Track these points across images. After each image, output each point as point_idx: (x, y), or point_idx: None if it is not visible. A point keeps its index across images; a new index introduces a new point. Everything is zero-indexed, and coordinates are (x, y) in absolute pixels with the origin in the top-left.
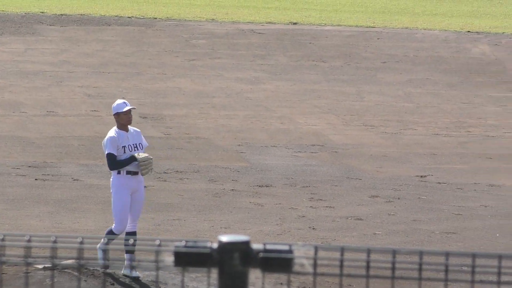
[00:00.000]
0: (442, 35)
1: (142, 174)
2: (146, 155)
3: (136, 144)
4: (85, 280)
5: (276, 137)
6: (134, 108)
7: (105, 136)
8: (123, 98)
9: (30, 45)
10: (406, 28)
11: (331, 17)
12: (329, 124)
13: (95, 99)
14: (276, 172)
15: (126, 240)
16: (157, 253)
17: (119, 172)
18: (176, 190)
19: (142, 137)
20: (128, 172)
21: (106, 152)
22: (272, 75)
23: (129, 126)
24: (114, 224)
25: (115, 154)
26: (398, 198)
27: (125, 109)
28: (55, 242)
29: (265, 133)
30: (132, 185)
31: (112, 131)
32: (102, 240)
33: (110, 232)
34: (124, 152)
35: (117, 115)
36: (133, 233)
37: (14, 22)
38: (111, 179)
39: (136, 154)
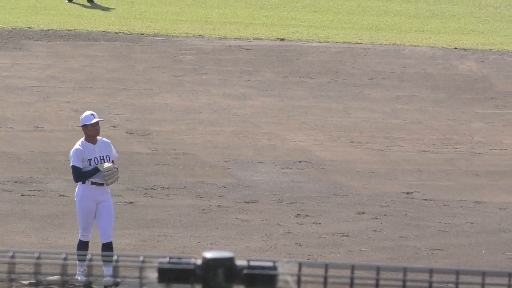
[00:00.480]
0: (429, 51)
1: (107, 184)
2: (110, 165)
3: (103, 156)
4: None
5: (263, 153)
6: (101, 120)
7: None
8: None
9: (17, 60)
10: (394, 44)
11: (319, 34)
12: (316, 140)
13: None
14: (262, 188)
15: (104, 249)
16: (141, 269)
17: (84, 182)
18: (163, 206)
19: (112, 148)
20: (93, 183)
21: (71, 165)
22: (259, 91)
23: (98, 137)
24: (80, 233)
25: (80, 166)
26: (385, 215)
27: (92, 121)
28: (39, 258)
29: (252, 149)
30: (97, 196)
31: (78, 144)
32: (78, 262)
33: (79, 243)
34: (90, 165)
35: (85, 127)
36: (108, 244)
37: (1, 37)
38: (76, 189)
39: (99, 166)
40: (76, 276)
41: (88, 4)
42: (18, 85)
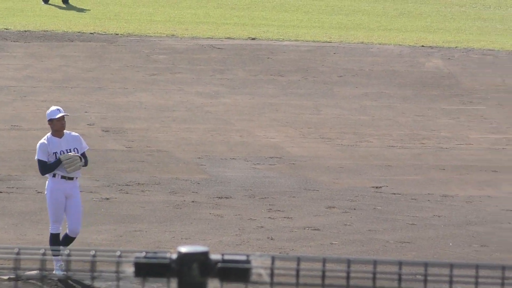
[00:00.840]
0: (397, 49)
1: (68, 172)
2: (71, 154)
3: (70, 149)
4: None
5: (236, 150)
6: (67, 115)
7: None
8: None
9: None
10: (362, 43)
11: (289, 33)
12: (287, 136)
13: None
14: (235, 184)
15: (69, 241)
16: (118, 264)
17: (54, 176)
18: (138, 202)
19: (82, 140)
20: (63, 177)
21: (35, 158)
22: (231, 89)
23: (65, 131)
24: (50, 225)
25: (45, 160)
26: (354, 209)
27: (57, 116)
28: (18, 253)
29: (225, 146)
30: (66, 189)
31: (44, 138)
32: (53, 257)
33: (51, 237)
34: (56, 158)
35: (51, 121)
36: (73, 238)
37: None
38: (46, 183)
39: (61, 156)
40: (54, 271)
41: (64, 6)
42: None
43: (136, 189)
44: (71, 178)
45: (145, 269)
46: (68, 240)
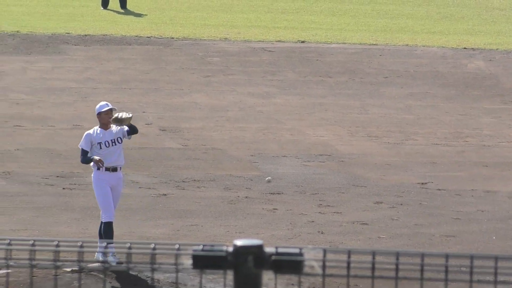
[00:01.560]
0: (440, 51)
1: (120, 120)
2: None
3: (114, 139)
4: (110, 282)
5: (287, 148)
6: (114, 109)
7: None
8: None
9: (56, 64)
10: (407, 45)
11: (336, 36)
12: (336, 135)
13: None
14: (286, 180)
15: (103, 229)
16: (177, 256)
17: (98, 169)
18: (194, 197)
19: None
20: (107, 169)
21: (79, 145)
22: (282, 90)
23: (112, 125)
24: (102, 215)
25: (87, 149)
26: (401, 204)
27: (104, 109)
28: (81, 246)
29: (276, 144)
30: (110, 180)
31: (91, 129)
32: (100, 244)
33: (105, 225)
34: (100, 148)
35: (99, 115)
36: (109, 224)
37: (42, 42)
38: (92, 175)
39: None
40: (107, 260)
41: (122, 11)
42: (58, 87)
43: (192, 186)
44: (115, 170)
45: (202, 261)
46: (106, 228)
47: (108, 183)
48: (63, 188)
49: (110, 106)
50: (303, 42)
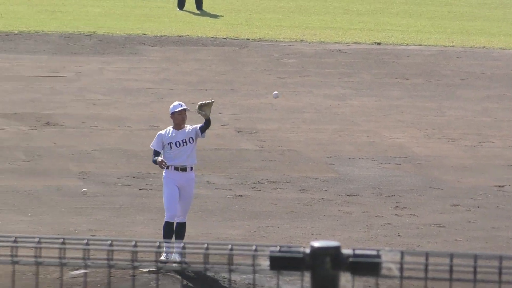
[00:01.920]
0: None
1: (204, 109)
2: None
3: (185, 139)
4: (187, 283)
5: (363, 150)
6: (188, 109)
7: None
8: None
9: (133, 64)
10: (483, 47)
11: (413, 38)
12: (412, 137)
13: (194, 115)
14: (363, 182)
15: (176, 228)
16: (254, 257)
17: (168, 168)
18: (270, 199)
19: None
20: (176, 168)
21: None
22: (358, 91)
23: (186, 125)
24: (165, 214)
25: (157, 149)
26: (478, 207)
27: (178, 109)
28: (159, 247)
29: (352, 145)
30: (179, 180)
31: (164, 129)
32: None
33: (164, 225)
34: (171, 148)
35: (172, 115)
36: (182, 225)
37: (118, 43)
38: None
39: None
40: (162, 256)
41: (198, 12)
42: (135, 87)
43: (268, 187)
44: (184, 169)
45: (279, 263)
46: (178, 227)
47: (177, 183)
48: (140, 189)
49: (184, 107)
50: (379, 43)
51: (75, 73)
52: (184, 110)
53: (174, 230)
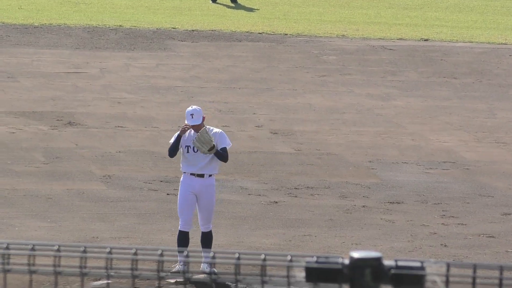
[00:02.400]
0: None
1: (194, 145)
2: (208, 136)
3: None
4: None
5: (407, 154)
6: (197, 124)
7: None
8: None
9: (161, 61)
10: None
11: (463, 34)
12: (461, 141)
13: (226, 115)
14: (407, 188)
15: (202, 238)
16: (289, 268)
17: (185, 172)
18: (307, 206)
19: (224, 137)
20: (192, 174)
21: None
22: (403, 91)
23: (208, 127)
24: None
25: (172, 144)
26: None
27: (186, 121)
28: (187, 256)
29: (396, 149)
30: (195, 187)
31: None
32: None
33: (178, 234)
34: (187, 152)
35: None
36: (207, 234)
37: (146, 37)
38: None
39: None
40: (176, 266)
41: (232, 5)
42: (163, 85)
43: (305, 193)
44: (201, 175)
45: (316, 274)
46: (203, 237)
47: (193, 189)
48: (167, 194)
49: (194, 121)
50: (426, 40)
51: (99, 70)
52: (193, 126)
53: (188, 239)
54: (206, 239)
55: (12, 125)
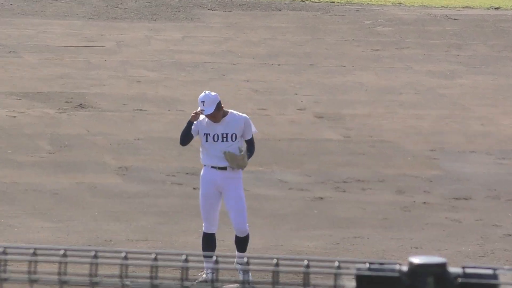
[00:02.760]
0: None
1: (233, 167)
2: (235, 154)
3: (226, 133)
4: None
5: (475, 141)
6: (208, 113)
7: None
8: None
9: (188, 33)
10: None
11: None
12: None
13: (263, 95)
14: (476, 182)
15: (236, 240)
16: (336, 276)
17: (205, 165)
18: (358, 202)
19: (249, 124)
20: (213, 166)
21: None
22: (470, 68)
23: (230, 111)
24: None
25: (182, 131)
26: None
27: (199, 109)
28: (216, 262)
29: (462, 136)
30: (217, 181)
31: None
32: (204, 259)
33: (202, 236)
34: (206, 141)
35: None
36: (242, 239)
37: (171, 6)
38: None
39: (228, 152)
40: (202, 275)
41: None
42: (189, 61)
43: (356, 187)
44: (223, 168)
45: (369, 283)
46: (238, 241)
47: (213, 184)
48: (194, 188)
49: (206, 111)
50: (497, 8)
51: (116, 43)
52: (209, 114)
53: (215, 242)
54: (241, 241)
55: (13, 108)
